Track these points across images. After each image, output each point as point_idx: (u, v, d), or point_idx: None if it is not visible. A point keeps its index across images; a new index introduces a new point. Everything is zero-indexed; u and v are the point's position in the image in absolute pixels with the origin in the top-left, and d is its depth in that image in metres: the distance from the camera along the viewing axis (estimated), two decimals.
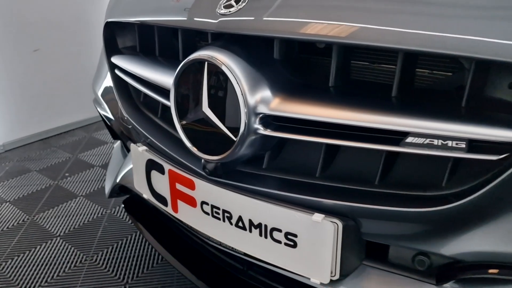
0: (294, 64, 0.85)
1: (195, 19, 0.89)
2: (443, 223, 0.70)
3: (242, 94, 0.77)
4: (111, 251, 1.65)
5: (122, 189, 1.37)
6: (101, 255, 1.63)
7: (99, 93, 1.44)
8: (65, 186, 2.20)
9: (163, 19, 0.99)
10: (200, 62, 0.82)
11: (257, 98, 0.78)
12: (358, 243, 0.79)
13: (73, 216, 1.92)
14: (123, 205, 1.44)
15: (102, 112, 1.45)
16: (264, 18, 0.78)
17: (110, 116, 1.38)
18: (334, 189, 0.80)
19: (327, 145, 0.81)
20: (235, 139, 0.80)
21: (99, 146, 2.69)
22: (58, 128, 2.95)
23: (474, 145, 0.65)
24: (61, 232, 1.79)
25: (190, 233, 1.18)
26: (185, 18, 0.92)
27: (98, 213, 1.93)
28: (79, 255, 1.64)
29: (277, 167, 0.89)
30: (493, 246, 0.68)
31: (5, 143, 2.71)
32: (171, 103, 0.89)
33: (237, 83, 0.78)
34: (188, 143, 0.88)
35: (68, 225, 1.84)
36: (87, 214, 1.92)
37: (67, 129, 2.98)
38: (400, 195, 0.74)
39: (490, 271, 0.71)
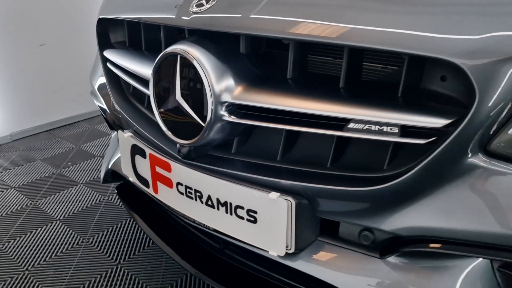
0: (259, 57, 0.94)
1: (171, 16, 0.98)
2: (382, 201, 0.78)
3: (209, 84, 0.86)
4: (106, 234, 1.75)
5: (114, 175, 1.47)
6: (97, 238, 1.73)
7: (96, 86, 1.54)
8: (67, 175, 2.31)
9: (145, 16, 1.08)
10: (173, 55, 0.91)
11: (222, 88, 0.87)
12: (312, 220, 0.87)
13: (73, 202, 2.03)
14: (116, 191, 1.54)
15: (98, 104, 1.55)
16: (230, 15, 0.87)
17: (105, 107, 1.48)
18: (291, 171, 0.88)
19: (287, 131, 0.89)
20: (203, 125, 0.89)
21: (101, 138, 2.81)
22: (63, 120, 3.07)
23: (407, 130, 0.73)
24: (61, 216, 1.91)
25: (174, 216, 1.27)
26: (164, 16, 1.02)
27: (96, 200, 2.03)
28: (77, 237, 1.74)
29: (245, 151, 0.97)
30: (425, 222, 0.76)
31: (12, 133, 2.84)
32: (150, 93, 0.99)
33: (205, 74, 0.87)
34: (164, 129, 0.98)
35: (67, 210, 1.95)
36: (86, 200, 2.03)
37: (72, 121, 3.10)
38: (348, 177, 0.82)
39: (427, 245, 0.79)
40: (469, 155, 0.71)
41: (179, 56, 0.90)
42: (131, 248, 1.66)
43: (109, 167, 1.42)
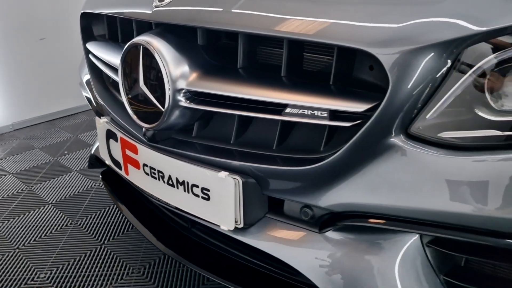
0: (215, 49, 1.02)
1: (137, 10, 1.06)
2: (317, 180, 0.86)
3: (167, 73, 0.95)
4: (94, 217, 1.85)
5: (98, 160, 1.56)
6: (85, 220, 1.83)
7: (83, 77, 1.63)
8: (63, 162, 2.42)
9: (119, 11, 1.17)
10: (137, 46, 0.99)
11: (179, 77, 0.95)
12: (259, 198, 0.95)
13: (66, 187, 2.13)
14: (100, 176, 1.63)
15: (85, 94, 1.64)
16: (185, 9, 0.95)
17: (91, 97, 1.58)
18: (242, 153, 0.97)
19: (239, 117, 0.97)
20: (163, 110, 0.98)
21: None
22: (63, 111, 3.18)
23: (336, 115, 0.81)
24: (53, 200, 2.01)
25: (149, 198, 1.36)
26: (133, 10, 1.10)
27: (88, 186, 2.14)
28: (66, 219, 1.85)
29: (204, 135, 1.06)
30: (355, 198, 0.84)
31: (14, 123, 2.96)
32: (119, 80, 1.07)
33: (163, 64, 0.95)
34: (131, 113, 1.06)
35: (60, 195, 2.06)
36: (79, 186, 2.14)
37: (71, 113, 3.21)
38: (290, 158, 0.90)
39: (357, 219, 0.87)
40: (392, 137, 0.78)
41: (141, 46, 0.98)
42: (116, 230, 1.75)
43: (92, 152, 1.51)
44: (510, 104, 0.75)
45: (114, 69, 1.21)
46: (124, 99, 1.08)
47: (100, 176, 1.62)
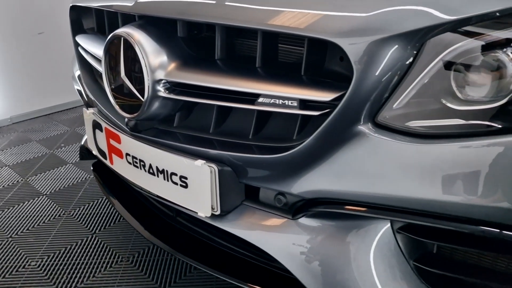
0: (195, 41, 1.04)
1: (120, 3, 1.09)
2: (288, 167, 0.88)
3: (146, 64, 0.97)
4: (86, 208, 1.89)
5: (89, 152, 1.59)
6: (78, 211, 1.87)
7: (75, 71, 1.66)
8: (59, 155, 2.46)
9: (104, 4, 1.19)
10: (118, 38, 1.02)
11: (158, 68, 0.98)
12: (236, 185, 0.98)
13: (60, 179, 2.17)
14: (92, 168, 1.66)
15: (76, 87, 1.67)
16: (165, 1, 0.98)
17: (81, 89, 1.61)
18: (220, 142, 0.99)
19: (218, 107, 1.00)
20: (143, 100, 1.00)
21: None
22: (61, 105, 3.22)
23: (306, 104, 0.83)
24: (47, 191, 2.05)
25: (136, 189, 1.39)
26: (117, 4, 1.12)
27: (82, 178, 2.17)
28: (59, 210, 1.88)
29: (185, 125, 1.08)
30: (324, 185, 0.86)
31: (12, 116, 3.00)
32: (102, 71, 1.10)
33: (142, 55, 0.97)
34: (114, 104, 1.09)
35: (55, 186, 2.09)
36: (73, 178, 2.17)
37: (70, 107, 3.25)
38: (264, 146, 0.93)
39: (327, 206, 0.89)
40: (360, 126, 0.80)
41: (122, 38, 1.01)
42: (108, 220, 1.79)
43: (82, 143, 1.54)
44: (474, 93, 0.77)
45: (100, 61, 1.23)
46: (107, 89, 1.10)
47: (91, 168, 1.65)
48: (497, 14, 0.76)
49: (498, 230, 0.77)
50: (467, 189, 0.75)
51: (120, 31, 1.01)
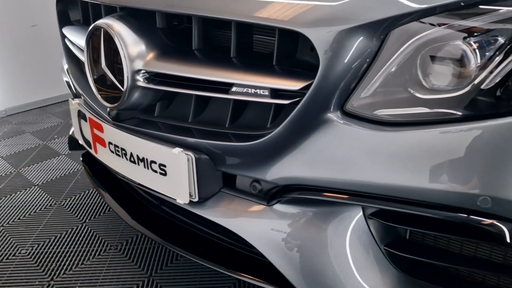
0: (174, 32, 1.06)
1: None
2: (262, 155, 0.91)
3: (125, 54, 0.99)
4: (78, 198, 1.92)
5: (76, 142, 1.62)
6: (69, 201, 1.90)
7: (64, 63, 1.68)
8: (52, 146, 2.49)
9: None
10: (99, 29, 1.04)
11: (136, 58, 1.00)
12: (213, 173, 1.00)
13: (53, 170, 2.20)
14: (81, 158, 1.68)
15: (65, 79, 1.69)
16: None
17: (70, 81, 1.63)
18: (198, 131, 1.02)
19: (197, 97, 1.02)
20: (123, 90, 1.03)
21: None
22: (55, 97, 3.24)
23: (277, 93, 0.86)
24: (39, 182, 2.08)
25: (123, 180, 1.42)
26: None
27: (74, 169, 2.20)
28: (51, 200, 1.92)
29: (166, 115, 1.11)
30: (296, 172, 0.89)
31: (7, 109, 3.02)
32: (85, 61, 1.12)
33: (121, 46, 0.99)
34: (96, 93, 1.11)
35: (47, 177, 2.12)
36: (65, 169, 2.20)
37: (64, 99, 3.26)
38: (239, 134, 0.95)
39: (300, 192, 0.91)
40: (329, 114, 0.83)
41: (102, 29, 1.03)
42: (98, 210, 1.82)
43: (70, 133, 1.57)
44: (439, 82, 0.79)
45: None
46: (90, 80, 1.13)
47: (81, 158, 1.68)
48: (461, 4, 0.78)
49: (465, 215, 0.79)
50: (432, 175, 0.77)
51: (101, 22, 1.03)
